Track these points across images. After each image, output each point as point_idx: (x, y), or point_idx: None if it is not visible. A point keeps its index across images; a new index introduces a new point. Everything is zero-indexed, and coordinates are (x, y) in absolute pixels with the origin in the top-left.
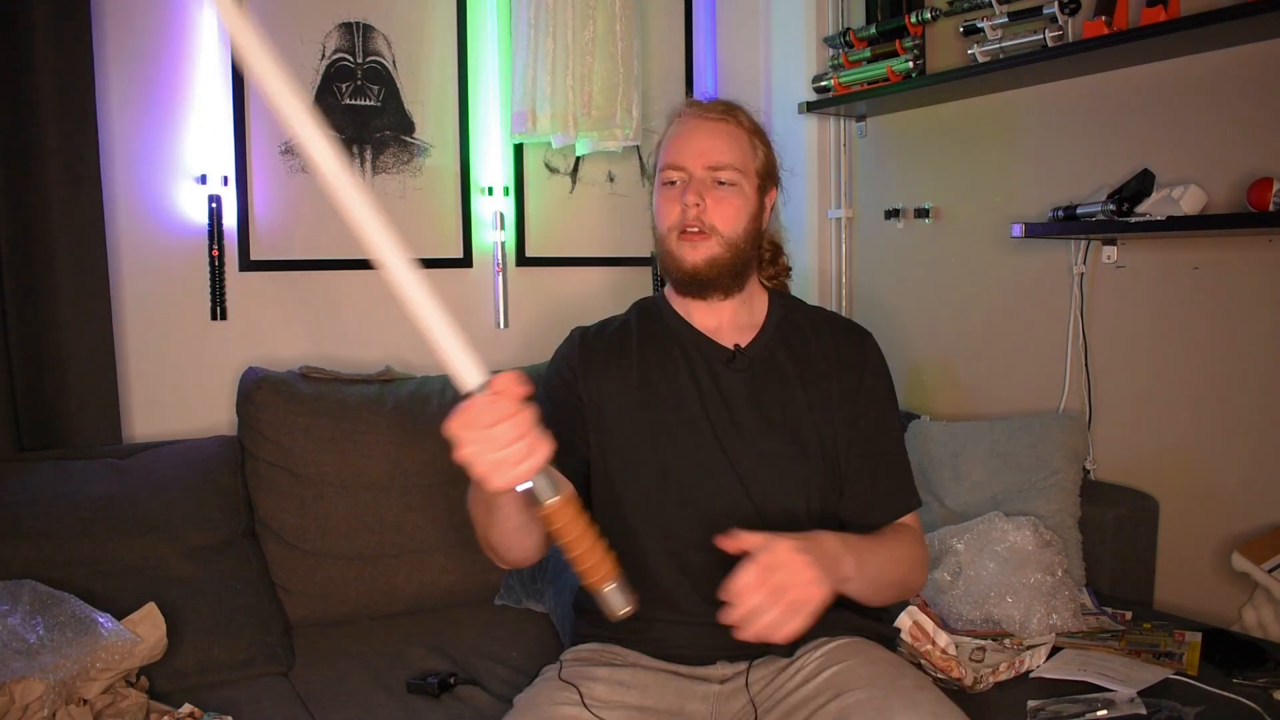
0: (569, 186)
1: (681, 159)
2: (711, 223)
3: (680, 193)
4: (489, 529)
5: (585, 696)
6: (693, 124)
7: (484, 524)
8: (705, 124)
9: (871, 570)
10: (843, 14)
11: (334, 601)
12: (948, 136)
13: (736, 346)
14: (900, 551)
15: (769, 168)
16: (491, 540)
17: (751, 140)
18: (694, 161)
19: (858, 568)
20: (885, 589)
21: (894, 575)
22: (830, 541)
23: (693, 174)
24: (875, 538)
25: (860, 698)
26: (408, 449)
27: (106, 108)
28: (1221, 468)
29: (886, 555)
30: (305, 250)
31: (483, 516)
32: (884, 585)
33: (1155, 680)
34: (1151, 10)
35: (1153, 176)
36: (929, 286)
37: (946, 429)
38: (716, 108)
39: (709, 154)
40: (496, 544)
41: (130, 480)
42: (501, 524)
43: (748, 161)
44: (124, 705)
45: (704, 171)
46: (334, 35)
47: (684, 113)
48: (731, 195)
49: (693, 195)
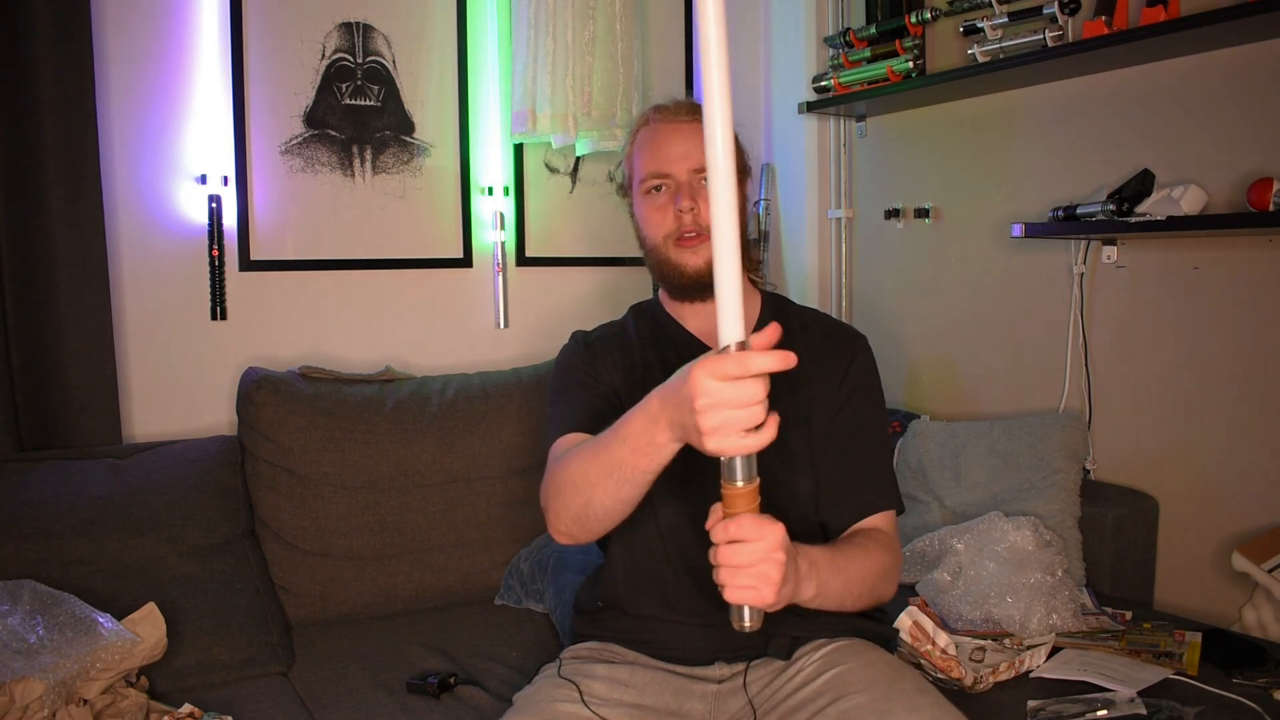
0: (569, 186)
1: (665, 166)
2: (707, 224)
3: (669, 199)
4: (599, 495)
5: (584, 694)
6: (666, 129)
7: (594, 490)
8: (680, 127)
9: (835, 589)
10: (843, 14)
11: (334, 601)
12: (948, 136)
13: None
14: (868, 566)
15: (741, 159)
16: (594, 508)
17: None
18: (677, 166)
19: (819, 590)
20: (848, 602)
21: (859, 590)
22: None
23: (678, 179)
24: (845, 553)
25: (861, 701)
26: (408, 449)
27: (106, 108)
28: (1221, 468)
29: (855, 572)
30: (305, 250)
31: (600, 481)
32: (847, 600)
33: (1155, 680)
34: (1151, 10)
35: (1153, 176)
36: (929, 286)
37: (946, 429)
38: (684, 109)
39: (691, 156)
40: (597, 512)
41: (130, 480)
42: (627, 491)
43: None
44: (124, 705)
45: (689, 175)
46: (334, 35)
47: (652, 120)
48: None
49: (686, 200)
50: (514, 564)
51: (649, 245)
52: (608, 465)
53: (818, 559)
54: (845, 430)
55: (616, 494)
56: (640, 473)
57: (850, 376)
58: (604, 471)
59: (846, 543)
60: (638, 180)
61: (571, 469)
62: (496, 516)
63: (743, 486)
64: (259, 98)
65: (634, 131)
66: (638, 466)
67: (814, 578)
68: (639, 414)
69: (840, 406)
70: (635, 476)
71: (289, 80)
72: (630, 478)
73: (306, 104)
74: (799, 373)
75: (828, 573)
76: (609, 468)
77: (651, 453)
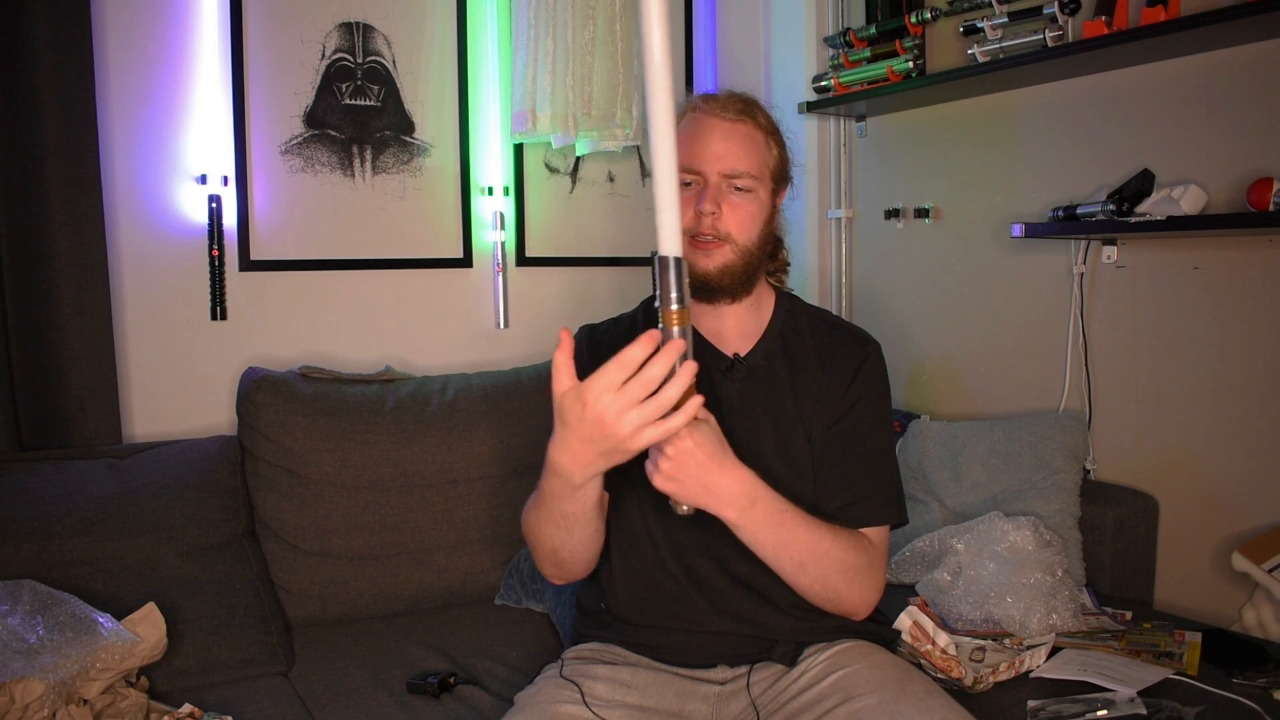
0: (569, 186)
1: (697, 162)
2: (727, 231)
3: (695, 197)
4: (562, 544)
5: (586, 695)
6: (708, 123)
7: (554, 540)
8: (722, 125)
9: (768, 538)
10: (843, 14)
11: (334, 601)
12: (948, 136)
13: (736, 355)
14: (825, 548)
15: (783, 168)
16: (563, 555)
17: (768, 141)
18: (710, 166)
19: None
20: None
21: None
22: (731, 483)
23: (708, 179)
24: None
25: (871, 702)
26: (408, 449)
27: (106, 108)
28: (1221, 468)
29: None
30: (305, 250)
31: (554, 533)
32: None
33: (1155, 680)
34: (1151, 10)
35: (1153, 176)
36: (929, 286)
37: (946, 429)
38: (734, 105)
39: (725, 159)
40: (567, 558)
41: (130, 480)
42: (579, 534)
43: (764, 166)
44: (124, 705)
45: (720, 178)
46: (334, 35)
47: (698, 108)
48: (747, 202)
49: (709, 204)
50: (514, 564)
51: None
52: (550, 516)
53: (760, 498)
54: (844, 439)
55: (569, 538)
56: (577, 517)
57: (856, 384)
58: (552, 523)
59: (818, 519)
60: None
61: (530, 522)
62: (497, 516)
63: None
64: (259, 98)
65: (682, 113)
66: (573, 512)
67: (738, 505)
68: (548, 472)
69: (842, 414)
70: (580, 520)
71: (289, 80)
72: (572, 522)
73: (306, 104)
74: (805, 377)
75: (764, 514)
76: (556, 519)
77: (578, 497)
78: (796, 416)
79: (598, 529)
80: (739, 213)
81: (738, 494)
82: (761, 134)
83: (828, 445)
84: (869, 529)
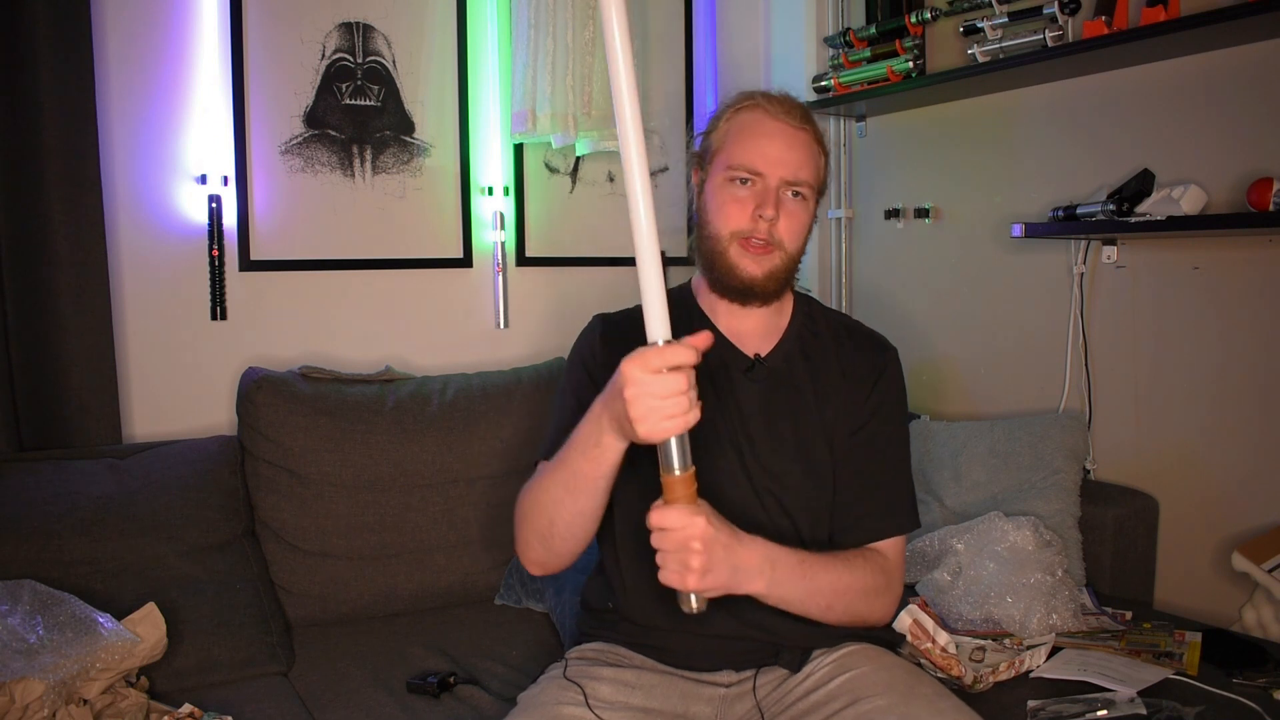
0: (569, 186)
1: (760, 164)
2: (780, 237)
3: (751, 198)
4: (560, 511)
5: (589, 697)
6: (772, 126)
7: (555, 506)
8: (787, 130)
9: (795, 593)
10: (843, 14)
11: (334, 601)
12: (948, 136)
13: (756, 356)
14: (845, 581)
15: (826, 179)
16: (556, 528)
17: (820, 152)
18: (773, 170)
19: (770, 589)
20: (813, 611)
21: (827, 601)
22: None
23: (769, 183)
24: (821, 562)
25: (880, 704)
26: (408, 449)
27: (106, 108)
28: (1221, 468)
29: (824, 581)
30: (305, 250)
31: (560, 496)
32: (812, 608)
33: (1155, 680)
34: (1151, 10)
35: (1153, 176)
36: (929, 286)
37: (946, 429)
38: (796, 113)
39: (789, 166)
40: (560, 531)
41: (130, 480)
42: (583, 503)
43: (819, 177)
44: (124, 705)
45: (781, 182)
46: (334, 35)
47: (760, 106)
48: (801, 211)
49: (770, 209)
50: (514, 564)
51: (710, 233)
52: (564, 477)
53: (779, 559)
54: (863, 450)
55: (574, 507)
56: (591, 480)
57: (876, 392)
58: (563, 485)
59: (829, 553)
60: (723, 163)
61: (536, 489)
62: (497, 516)
63: (679, 475)
64: (259, 98)
65: (730, 107)
66: (588, 473)
67: (765, 575)
68: (586, 418)
69: (863, 423)
70: (588, 485)
71: (289, 80)
72: (583, 486)
73: (306, 104)
74: (826, 383)
75: (787, 574)
76: (566, 479)
77: (598, 455)
78: (819, 421)
79: (597, 508)
80: (794, 221)
81: (761, 562)
82: (817, 145)
83: (849, 458)
84: (888, 544)
